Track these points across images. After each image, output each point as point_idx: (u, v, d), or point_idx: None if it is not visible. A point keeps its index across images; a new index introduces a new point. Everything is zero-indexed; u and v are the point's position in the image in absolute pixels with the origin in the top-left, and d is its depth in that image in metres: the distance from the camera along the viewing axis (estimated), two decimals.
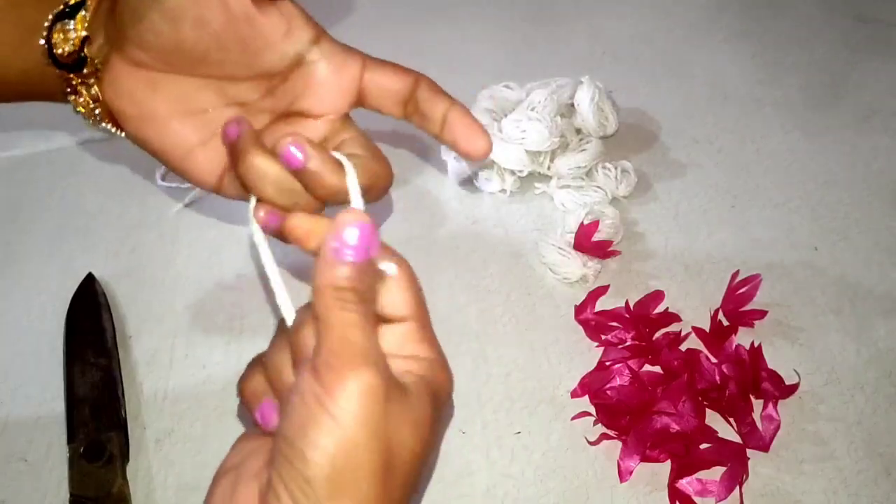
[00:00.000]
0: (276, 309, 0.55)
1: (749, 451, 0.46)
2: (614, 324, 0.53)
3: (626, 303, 0.54)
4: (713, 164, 0.66)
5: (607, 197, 0.61)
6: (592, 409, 0.49)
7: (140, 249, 0.60)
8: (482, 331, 0.54)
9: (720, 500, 0.44)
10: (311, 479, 0.27)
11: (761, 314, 0.53)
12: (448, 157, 0.64)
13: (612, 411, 0.48)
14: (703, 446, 0.46)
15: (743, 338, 0.52)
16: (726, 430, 0.48)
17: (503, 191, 0.64)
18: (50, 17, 0.34)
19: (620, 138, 0.68)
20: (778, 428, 0.47)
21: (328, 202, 0.34)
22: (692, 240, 0.60)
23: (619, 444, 0.47)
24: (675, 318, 0.53)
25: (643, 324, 0.52)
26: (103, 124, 0.36)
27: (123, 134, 0.36)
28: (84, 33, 0.33)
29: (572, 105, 0.66)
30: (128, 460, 0.46)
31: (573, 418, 0.49)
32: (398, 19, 0.84)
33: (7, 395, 0.50)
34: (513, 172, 0.63)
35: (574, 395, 0.50)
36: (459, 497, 0.45)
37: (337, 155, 0.34)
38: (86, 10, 0.33)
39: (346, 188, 0.33)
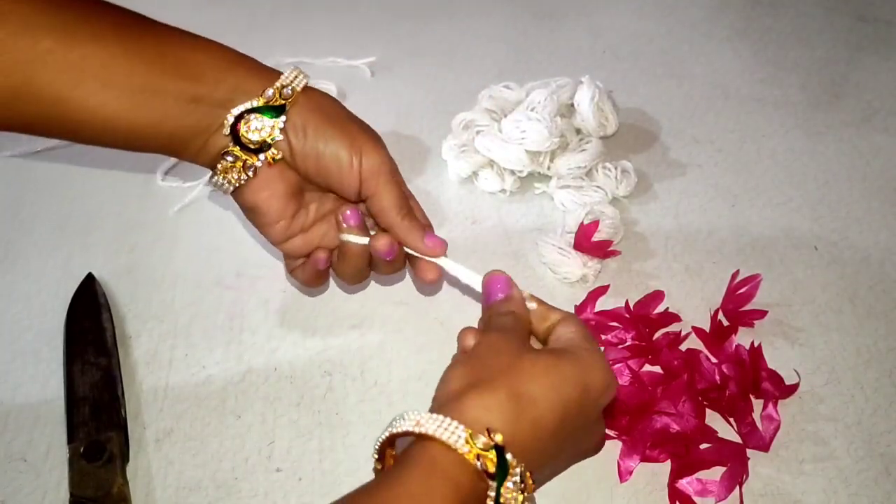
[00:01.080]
0: (276, 309, 0.55)
1: (749, 451, 0.46)
2: (614, 324, 0.53)
3: (626, 303, 0.54)
4: (713, 163, 0.66)
5: (607, 197, 0.61)
6: None
7: (140, 249, 0.60)
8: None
9: (720, 500, 0.44)
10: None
11: (761, 314, 0.53)
12: (448, 156, 0.64)
13: (612, 411, 0.48)
14: (703, 446, 0.46)
15: (743, 338, 0.52)
16: (726, 430, 0.48)
17: (503, 191, 0.64)
18: (245, 105, 0.41)
19: (620, 138, 0.68)
20: (778, 428, 0.47)
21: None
22: (692, 239, 0.60)
23: (619, 443, 0.47)
24: (675, 318, 0.53)
25: (643, 324, 0.52)
26: (227, 188, 0.44)
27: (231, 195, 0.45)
28: (279, 134, 0.42)
29: (572, 105, 0.66)
30: (128, 460, 0.46)
31: None
32: (398, 19, 0.84)
33: (7, 395, 0.50)
34: (513, 172, 0.63)
35: None
36: None
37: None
38: (286, 116, 0.42)
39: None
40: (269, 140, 0.42)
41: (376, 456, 0.36)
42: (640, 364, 0.51)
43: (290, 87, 0.42)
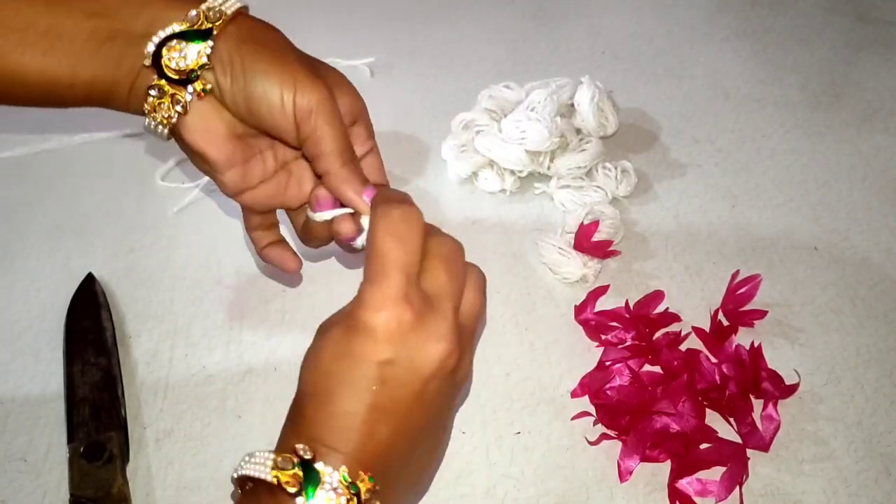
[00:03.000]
0: (276, 309, 0.55)
1: (749, 451, 0.46)
2: (614, 324, 0.53)
3: (626, 303, 0.54)
4: (713, 163, 0.66)
5: (607, 197, 0.61)
6: (592, 409, 0.49)
7: (139, 249, 0.60)
8: (482, 331, 0.54)
9: (720, 501, 0.44)
10: None
11: (761, 314, 0.53)
12: (448, 157, 0.64)
13: (612, 411, 0.48)
14: (703, 446, 0.46)
15: (743, 338, 0.52)
16: (726, 430, 0.48)
17: (503, 191, 0.64)
18: (166, 31, 0.37)
19: (620, 138, 0.68)
20: (778, 428, 0.47)
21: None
22: (692, 240, 0.60)
23: (619, 444, 0.47)
24: (675, 318, 0.53)
25: (643, 324, 0.52)
26: (161, 130, 0.40)
27: (171, 138, 0.41)
28: (206, 60, 0.37)
29: (572, 105, 0.66)
30: (128, 460, 0.46)
31: (573, 418, 0.49)
32: (398, 19, 0.84)
33: (7, 395, 0.50)
34: (513, 172, 0.63)
35: (574, 395, 0.50)
36: (460, 497, 0.45)
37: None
38: (213, 40, 0.37)
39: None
40: (195, 69, 0.37)
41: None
42: (640, 364, 0.51)
43: (217, 10, 0.37)
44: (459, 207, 0.63)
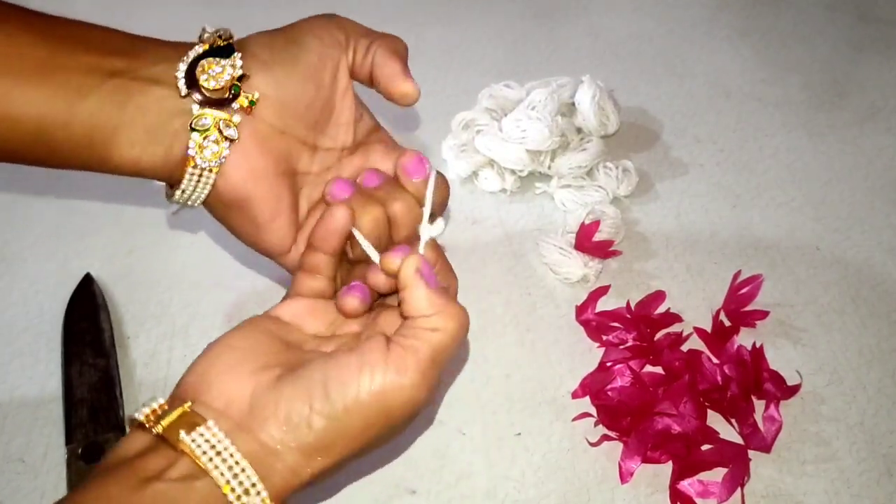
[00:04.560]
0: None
1: (751, 452, 0.46)
2: (615, 324, 0.53)
3: (628, 303, 0.54)
4: (715, 163, 0.66)
5: (608, 196, 0.61)
6: (593, 410, 0.49)
7: (138, 250, 0.60)
8: (482, 331, 0.53)
9: (722, 502, 0.44)
10: None
11: (763, 314, 0.53)
12: (448, 156, 0.64)
13: (614, 412, 0.48)
14: (705, 447, 0.46)
15: (745, 338, 0.52)
16: (728, 431, 0.47)
17: (503, 190, 0.63)
18: (190, 56, 0.35)
19: (621, 137, 0.68)
20: (780, 429, 0.47)
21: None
22: (694, 239, 0.59)
23: (620, 445, 0.47)
24: (676, 318, 0.53)
25: (644, 324, 0.52)
26: (207, 178, 0.37)
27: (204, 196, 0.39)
28: (241, 71, 0.35)
29: (573, 104, 0.65)
30: None
31: (574, 419, 0.48)
32: (398, 19, 0.84)
33: (5, 396, 0.50)
34: (513, 172, 0.63)
35: (575, 395, 0.50)
36: (460, 499, 0.45)
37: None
38: (238, 53, 0.36)
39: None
40: (236, 82, 0.35)
41: None
42: (642, 365, 0.50)
43: (223, 30, 0.37)
44: (459, 207, 0.63)
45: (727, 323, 0.53)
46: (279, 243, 0.39)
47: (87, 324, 0.53)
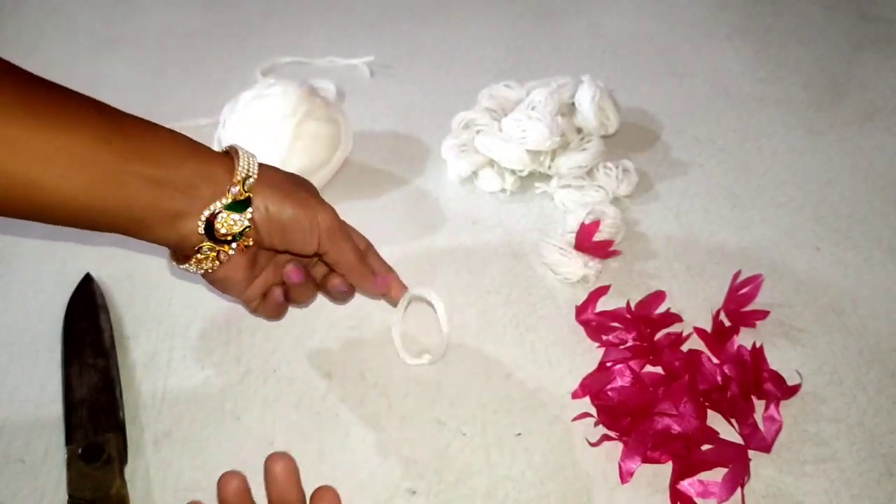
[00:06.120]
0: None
1: (751, 453, 0.46)
2: (615, 324, 0.53)
3: (628, 303, 0.54)
4: (715, 163, 0.66)
5: (608, 196, 0.61)
6: (593, 410, 0.49)
7: (138, 251, 0.60)
8: (482, 331, 0.53)
9: (722, 502, 0.44)
10: None
11: (763, 314, 0.53)
12: (448, 156, 0.64)
13: (613, 412, 0.48)
14: (705, 447, 0.46)
15: (745, 338, 0.52)
16: (728, 432, 0.47)
17: (503, 190, 0.63)
18: (211, 209, 0.43)
19: (621, 137, 0.68)
20: (780, 429, 0.47)
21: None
22: (694, 239, 0.59)
23: (620, 445, 0.47)
24: (676, 318, 0.53)
25: (644, 324, 0.52)
26: (199, 273, 0.47)
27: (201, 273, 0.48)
28: (248, 224, 0.45)
29: (573, 104, 0.65)
30: (126, 462, 0.46)
31: (574, 419, 0.48)
32: (398, 19, 0.84)
33: (5, 397, 0.50)
34: (513, 172, 0.63)
35: (575, 396, 0.50)
36: (460, 499, 0.45)
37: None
38: (252, 208, 0.45)
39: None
40: (242, 231, 0.45)
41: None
42: (642, 365, 0.50)
43: (251, 178, 0.44)
44: (459, 207, 0.63)
45: (727, 323, 0.53)
46: (239, 295, 0.50)
47: (87, 324, 0.53)
